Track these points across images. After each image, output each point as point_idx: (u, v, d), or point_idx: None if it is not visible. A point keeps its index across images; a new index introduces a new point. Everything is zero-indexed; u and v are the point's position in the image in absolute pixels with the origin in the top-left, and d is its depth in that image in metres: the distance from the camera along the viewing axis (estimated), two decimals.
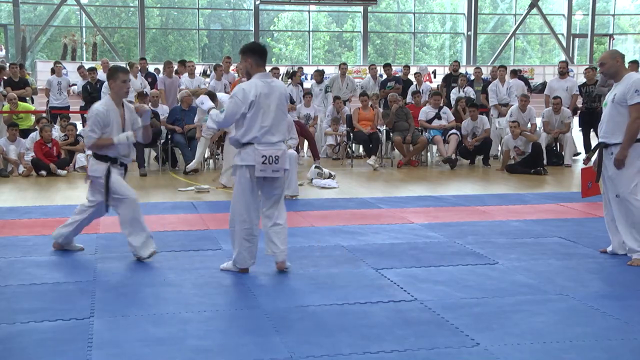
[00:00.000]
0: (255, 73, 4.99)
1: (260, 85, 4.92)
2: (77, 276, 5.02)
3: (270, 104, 4.91)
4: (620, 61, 5.49)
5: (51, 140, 10.47)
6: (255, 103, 4.86)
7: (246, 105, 4.85)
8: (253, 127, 4.88)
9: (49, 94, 13.10)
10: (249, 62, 4.99)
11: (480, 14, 29.71)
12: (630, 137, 5.31)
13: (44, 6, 27.20)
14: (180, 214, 7.41)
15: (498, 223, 6.97)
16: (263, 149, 4.88)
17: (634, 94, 5.28)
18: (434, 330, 3.96)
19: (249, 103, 4.85)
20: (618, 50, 5.75)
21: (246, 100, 4.85)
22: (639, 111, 5.26)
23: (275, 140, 4.95)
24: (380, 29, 31.55)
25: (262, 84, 4.93)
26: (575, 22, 30.81)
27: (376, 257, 5.58)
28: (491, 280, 4.96)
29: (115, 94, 5.49)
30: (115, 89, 5.47)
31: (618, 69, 5.47)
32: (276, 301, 4.45)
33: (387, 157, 12.12)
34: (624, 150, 5.32)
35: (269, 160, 4.89)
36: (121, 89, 5.47)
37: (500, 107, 12.76)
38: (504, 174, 10.72)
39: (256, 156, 4.87)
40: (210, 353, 3.64)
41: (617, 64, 5.47)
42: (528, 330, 3.95)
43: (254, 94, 4.86)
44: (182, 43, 30.12)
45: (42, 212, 7.43)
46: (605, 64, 5.49)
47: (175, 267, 5.24)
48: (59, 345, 3.71)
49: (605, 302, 4.45)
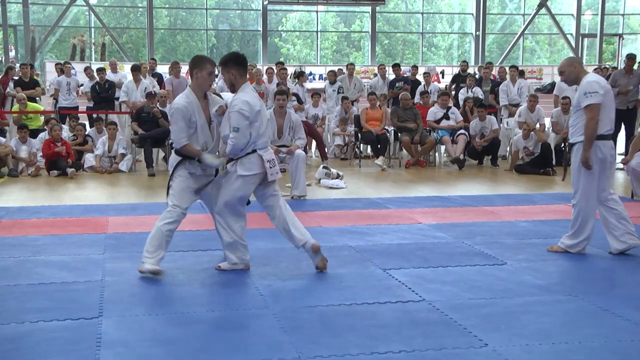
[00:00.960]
0: (241, 84, 4.97)
1: (256, 99, 5.01)
2: (85, 276, 5.04)
3: (262, 111, 4.99)
4: (577, 67, 5.66)
5: (61, 140, 10.50)
6: (260, 113, 4.93)
7: (253, 117, 4.89)
8: (257, 136, 4.94)
9: (58, 94, 13.15)
10: (232, 74, 4.95)
11: (488, 14, 29.63)
12: (588, 138, 5.44)
13: (53, 7, 27.32)
14: (189, 214, 7.39)
15: (506, 223, 6.96)
16: (265, 155, 4.97)
17: (583, 97, 5.44)
18: (442, 331, 3.95)
19: (255, 113, 4.89)
20: (575, 57, 5.87)
21: (252, 112, 4.88)
22: (592, 112, 5.41)
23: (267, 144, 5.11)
24: (389, 29, 31.52)
25: (256, 97, 5.02)
26: (585, 21, 30.70)
27: (384, 257, 5.57)
28: (499, 280, 4.95)
29: (197, 86, 4.97)
30: (199, 80, 4.96)
31: (577, 74, 5.62)
32: (284, 301, 4.45)
33: (395, 158, 12.10)
34: (586, 152, 5.45)
35: (272, 164, 4.98)
36: (205, 82, 4.99)
37: (510, 108, 12.71)
38: (513, 175, 10.69)
39: (263, 163, 4.94)
40: (218, 353, 3.65)
41: (575, 69, 5.63)
42: (536, 331, 3.94)
43: (257, 104, 4.94)
44: (191, 43, 30.18)
45: (51, 212, 7.46)
46: (564, 72, 5.68)
47: (184, 267, 5.25)
48: (67, 345, 3.72)
49: (615, 303, 4.43)
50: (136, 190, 9.12)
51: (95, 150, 10.88)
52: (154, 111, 10.84)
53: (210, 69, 4.95)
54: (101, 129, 11.45)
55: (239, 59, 5.00)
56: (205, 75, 4.94)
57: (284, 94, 8.74)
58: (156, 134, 10.82)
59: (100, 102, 12.38)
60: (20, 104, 11.75)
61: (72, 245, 5.95)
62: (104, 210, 7.56)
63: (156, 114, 10.83)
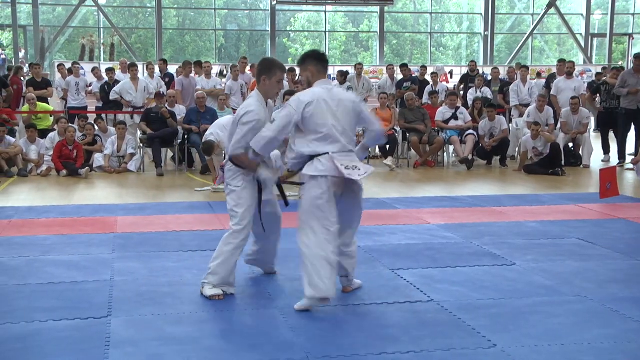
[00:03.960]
0: (317, 80, 4.46)
1: (318, 93, 4.36)
2: (94, 275, 5.05)
3: (336, 112, 4.34)
4: None
5: (73, 142, 10.54)
6: (312, 111, 4.29)
7: (299, 114, 4.28)
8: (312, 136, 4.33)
9: (67, 95, 13.20)
10: (310, 71, 4.46)
11: (497, 13, 29.54)
12: None
13: (63, 7, 27.42)
14: (197, 214, 7.44)
15: (515, 224, 6.93)
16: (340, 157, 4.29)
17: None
18: (450, 332, 3.94)
19: (302, 110, 4.28)
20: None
21: (300, 108, 4.29)
22: None
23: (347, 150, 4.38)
24: (397, 29, 31.47)
25: (321, 92, 4.37)
26: (594, 21, 30.55)
27: (392, 257, 5.57)
28: (508, 281, 4.94)
29: (265, 93, 4.53)
30: (266, 87, 4.51)
31: None
32: (292, 301, 4.45)
33: (403, 158, 12.09)
34: None
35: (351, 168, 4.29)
36: (273, 89, 4.54)
37: (521, 108, 12.67)
38: (521, 175, 10.66)
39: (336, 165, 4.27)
40: (226, 353, 3.65)
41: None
42: (545, 332, 3.92)
43: (311, 101, 4.31)
44: (199, 43, 30.23)
45: (60, 212, 7.49)
46: None
47: (192, 267, 5.26)
48: (76, 344, 3.74)
49: (624, 304, 4.41)
50: (145, 190, 9.14)
51: (105, 150, 10.91)
52: (162, 111, 10.87)
53: (280, 77, 4.53)
54: (105, 128, 11.49)
55: (317, 54, 4.56)
56: (275, 82, 4.51)
57: (293, 94, 8.73)
58: (164, 134, 10.84)
59: (109, 102, 12.42)
60: (30, 104, 11.81)
61: (81, 244, 5.97)
62: (113, 210, 7.58)
63: (165, 114, 10.85)
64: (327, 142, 4.32)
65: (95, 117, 12.09)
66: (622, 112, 11.66)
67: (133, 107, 12.07)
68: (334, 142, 4.32)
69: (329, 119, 4.32)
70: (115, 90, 12.13)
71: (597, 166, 11.12)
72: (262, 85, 4.52)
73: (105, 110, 12.49)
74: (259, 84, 4.56)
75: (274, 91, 4.57)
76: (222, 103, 11.49)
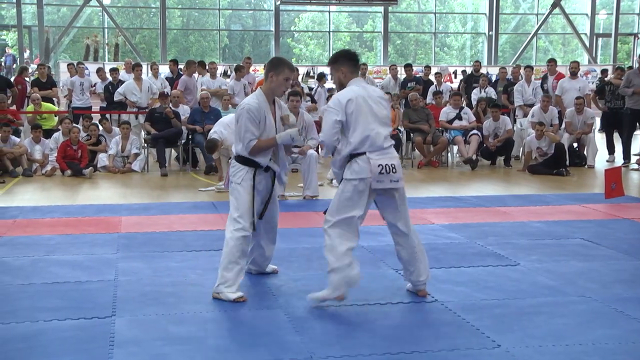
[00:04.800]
0: (349, 80, 4.46)
1: (356, 90, 4.37)
2: (98, 275, 5.06)
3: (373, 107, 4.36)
4: None
5: (77, 142, 10.56)
6: (354, 108, 4.29)
7: (342, 113, 4.28)
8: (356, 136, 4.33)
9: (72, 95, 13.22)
10: (342, 71, 4.45)
11: (501, 13, 29.48)
12: None
13: (67, 8, 27.46)
14: (201, 214, 7.45)
15: (519, 224, 6.92)
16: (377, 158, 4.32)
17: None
18: (454, 332, 3.94)
19: (344, 108, 4.28)
20: None
21: (341, 107, 4.29)
22: None
23: (387, 145, 4.40)
24: (401, 29, 31.44)
25: (358, 89, 4.39)
26: (599, 21, 30.47)
27: (396, 258, 5.55)
28: (512, 281, 4.93)
29: (269, 90, 4.60)
30: (272, 84, 4.57)
31: None
32: (296, 301, 4.45)
33: (407, 158, 12.08)
34: None
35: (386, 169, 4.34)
36: (280, 87, 4.58)
37: (525, 108, 12.65)
38: (526, 175, 10.64)
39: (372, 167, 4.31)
40: (230, 352, 3.65)
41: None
42: (550, 332, 3.92)
43: (351, 98, 4.31)
44: (203, 44, 30.25)
45: (64, 212, 7.50)
46: None
47: (196, 267, 5.27)
48: (80, 344, 3.74)
49: (629, 305, 4.40)
50: (149, 190, 9.15)
51: (109, 150, 10.93)
52: (166, 111, 10.88)
53: (287, 75, 4.56)
54: (109, 129, 11.51)
55: (349, 53, 4.55)
56: (282, 80, 4.55)
57: (297, 95, 8.77)
58: (169, 134, 10.85)
59: (114, 102, 12.43)
60: (35, 104, 11.83)
61: (86, 244, 5.98)
62: (117, 210, 7.60)
63: (169, 114, 10.86)
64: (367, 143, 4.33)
65: (100, 118, 12.11)
66: (627, 112, 11.63)
67: (137, 107, 12.08)
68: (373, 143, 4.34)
69: (369, 117, 4.34)
70: (119, 92, 12.14)
71: (601, 166, 11.09)
72: (269, 82, 4.57)
73: (109, 111, 12.51)
74: (266, 81, 4.63)
75: (280, 89, 4.61)
76: (226, 103, 11.51)
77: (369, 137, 4.30)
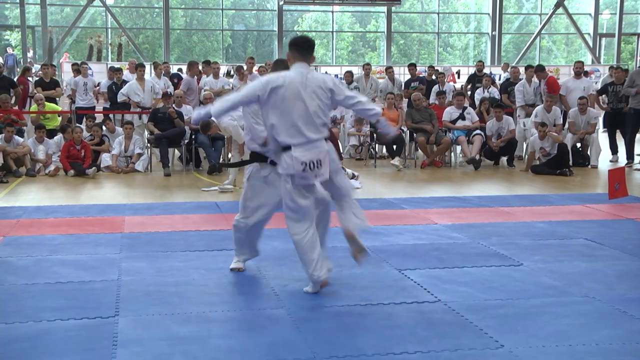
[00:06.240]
0: (292, 64, 4.50)
1: (291, 76, 4.38)
2: (102, 275, 5.07)
3: (303, 96, 4.35)
4: None
5: (81, 142, 10.57)
6: (276, 92, 4.32)
7: (264, 91, 4.32)
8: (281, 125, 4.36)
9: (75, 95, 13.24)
10: (288, 56, 4.54)
11: (505, 13, 29.45)
12: None
13: (71, 8, 27.50)
14: (204, 214, 7.45)
15: (522, 224, 6.92)
16: (300, 154, 4.33)
17: None
18: (457, 332, 3.93)
19: (269, 90, 4.31)
20: None
21: (265, 86, 4.33)
22: None
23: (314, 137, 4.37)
24: (404, 29, 31.42)
25: (294, 75, 4.38)
26: (602, 21, 30.42)
27: (399, 257, 5.56)
28: (515, 281, 4.92)
29: None
30: None
31: None
32: (299, 301, 4.45)
33: (410, 158, 12.08)
34: None
35: (310, 166, 4.33)
36: None
37: (527, 108, 12.63)
38: (529, 175, 10.63)
39: (295, 163, 4.32)
40: (233, 352, 3.65)
41: None
42: (553, 333, 3.91)
43: (279, 82, 4.34)
44: (206, 44, 30.26)
45: (68, 212, 7.51)
46: None
47: (199, 267, 5.27)
48: (84, 343, 3.75)
49: (633, 305, 4.39)
50: (152, 190, 9.16)
51: (112, 150, 10.94)
52: (169, 111, 10.89)
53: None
54: (113, 129, 11.53)
55: (296, 40, 4.56)
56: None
57: None
58: (172, 134, 10.86)
59: (117, 102, 12.44)
60: (38, 104, 11.85)
61: (89, 244, 5.99)
62: (120, 210, 7.60)
63: (172, 114, 10.87)
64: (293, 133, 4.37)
65: (103, 118, 12.12)
66: (630, 112, 11.61)
67: (141, 107, 12.09)
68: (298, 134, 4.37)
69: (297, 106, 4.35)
70: (122, 92, 12.14)
71: (605, 166, 11.08)
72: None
73: (112, 111, 12.52)
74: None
75: None
76: None
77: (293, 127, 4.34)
